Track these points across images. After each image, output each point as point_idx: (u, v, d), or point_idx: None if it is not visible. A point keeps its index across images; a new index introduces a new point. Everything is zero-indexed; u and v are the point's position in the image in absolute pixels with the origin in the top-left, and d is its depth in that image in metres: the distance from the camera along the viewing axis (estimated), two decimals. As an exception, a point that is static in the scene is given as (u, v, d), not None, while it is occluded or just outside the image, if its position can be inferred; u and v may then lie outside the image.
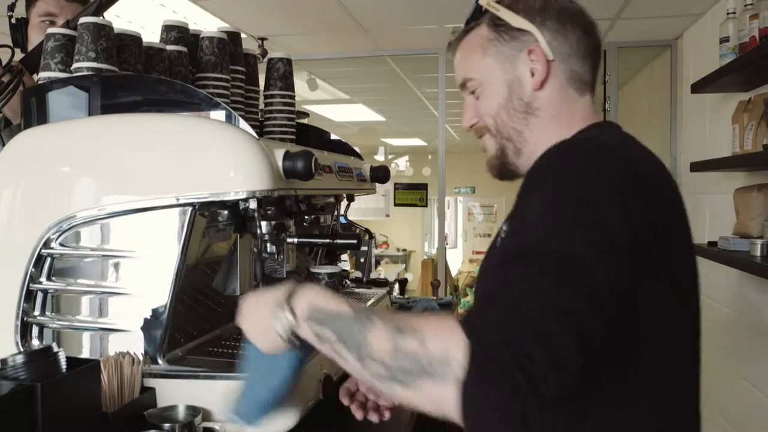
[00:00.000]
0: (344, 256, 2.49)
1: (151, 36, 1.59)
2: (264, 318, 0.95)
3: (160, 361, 1.31)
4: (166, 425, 1.18)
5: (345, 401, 1.22)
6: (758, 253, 2.47)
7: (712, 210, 3.28)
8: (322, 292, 0.92)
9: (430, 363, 0.77)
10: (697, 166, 3.02)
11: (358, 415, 1.23)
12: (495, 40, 1.12)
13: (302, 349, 0.96)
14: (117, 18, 3.66)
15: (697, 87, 3.00)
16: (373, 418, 1.24)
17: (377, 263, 8.89)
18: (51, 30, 1.48)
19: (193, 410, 1.24)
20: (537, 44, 1.09)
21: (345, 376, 1.57)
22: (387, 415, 1.25)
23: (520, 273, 0.81)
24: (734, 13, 2.67)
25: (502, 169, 1.16)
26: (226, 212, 1.44)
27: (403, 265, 10.79)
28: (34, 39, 1.88)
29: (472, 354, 0.74)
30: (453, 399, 0.76)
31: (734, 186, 2.85)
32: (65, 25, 1.61)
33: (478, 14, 1.17)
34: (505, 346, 0.73)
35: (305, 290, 0.92)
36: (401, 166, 9.03)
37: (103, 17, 1.95)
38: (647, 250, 0.89)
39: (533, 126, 1.12)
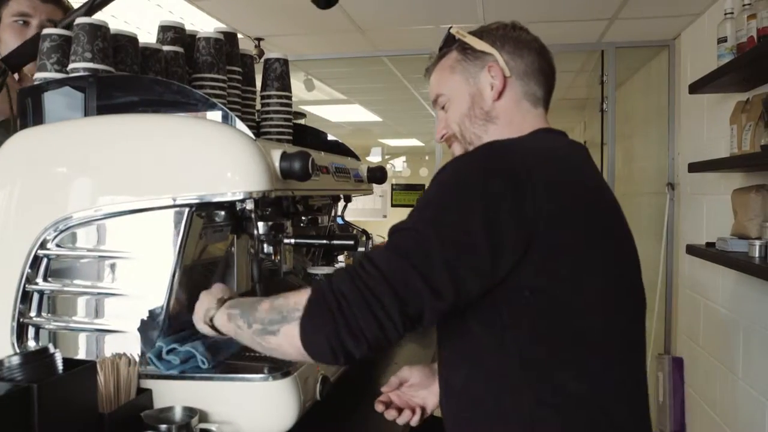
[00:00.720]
0: (341, 257, 2.48)
1: (148, 36, 1.58)
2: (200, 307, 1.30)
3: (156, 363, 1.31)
4: (163, 426, 1.18)
5: (380, 408, 1.41)
6: (756, 254, 2.47)
7: (709, 211, 3.28)
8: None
9: (288, 311, 1.06)
10: (694, 167, 3.03)
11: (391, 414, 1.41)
12: (462, 61, 1.32)
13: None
14: (113, 18, 3.65)
15: (695, 87, 3.00)
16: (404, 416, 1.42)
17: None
18: (47, 30, 1.48)
19: (189, 411, 1.24)
20: (496, 62, 1.28)
21: (342, 377, 1.57)
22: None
23: (371, 252, 1.05)
24: (732, 13, 2.67)
25: None
26: (223, 213, 1.44)
27: (401, 266, 10.78)
28: (6, 39, 1.87)
29: (309, 299, 1.03)
30: (297, 334, 1.03)
31: (732, 187, 2.85)
32: (54, 26, 1.61)
33: (450, 42, 1.36)
34: (330, 290, 1.01)
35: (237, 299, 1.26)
36: (398, 166, 9.03)
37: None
38: (515, 242, 1.03)
39: (491, 131, 1.29)
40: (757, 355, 2.72)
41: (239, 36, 1.77)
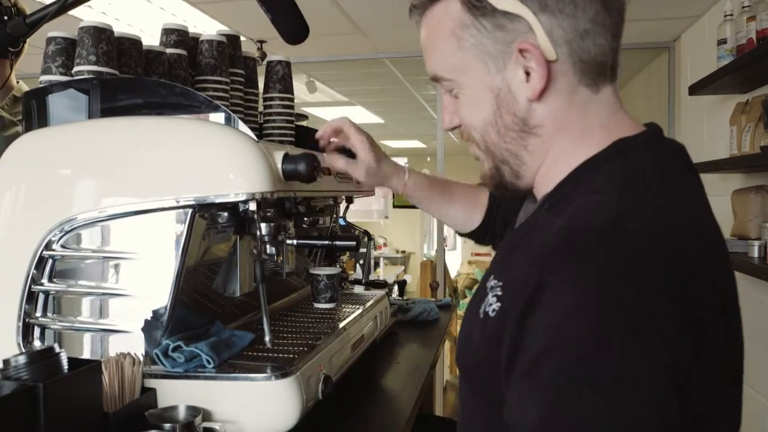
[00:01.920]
0: (343, 258, 2.49)
1: (151, 39, 1.59)
2: None
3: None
4: (167, 425, 1.19)
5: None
6: (756, 255, 2.49)
7: (709, 211, 3.28)
8: None
9: None
10: (694, 168, 3.04)
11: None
12: (472, 27, 0.84)
13: None
14: (117, 21, 3.67)
15: (695, 89, 3.02)
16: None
17: (376, 265, 8.89)
18: (52, 33, 1.49)
19: (193, 410, 1.25)
20: (532, 37, 0.81)
21: (344, 377, 1.58)
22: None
23: None
24: (732, 15, 2.69)
25: (499, 188, 0.94)
26: (225, 214, 1.45)
27: (403, 267, 10.80)
28: None
29: None
30: None
31: (732, 188, 2.86)
32: (2, 29, 1.58)
33: None
34: None
35: None
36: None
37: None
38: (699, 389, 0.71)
39: (533, 147, 0.87)
40: (757, 356, 2.72)
41: (242, 38, 1.79)
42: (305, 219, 1.75)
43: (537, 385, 0.67)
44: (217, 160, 1.29)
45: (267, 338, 1.29)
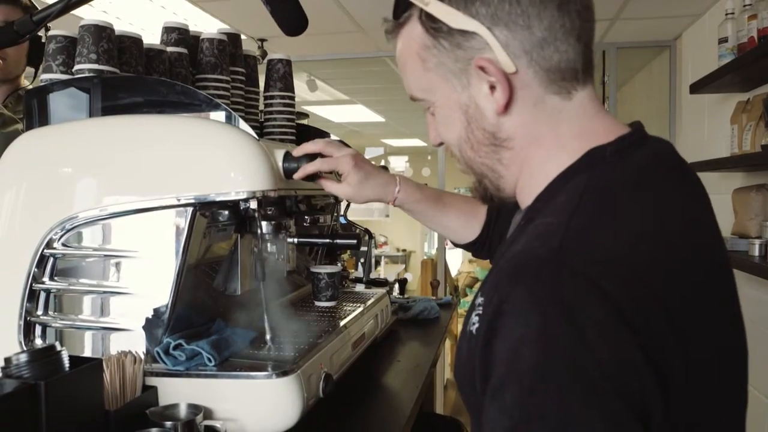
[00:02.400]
0: (343, 256, 2.50)
1: (152, 38, 1.60)
2: None
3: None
4: (168, 423, 1.19)
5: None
6: (756, 253, 2.49)
7: (710, 210, 3.28)
8: None
9: None
10: (695, 167, 3.03)
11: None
12: (433, 48, 0.85)
13: None
14: (117, 20, 3.67)
15: (696, 87, 3.02)
16: None
17: (377, 263, 8.90)
18: (53, 32, 1.49)
19: (194, 408, 1.25)
20: (489, 52, 0.81)
21: (345, 376, 1.58)
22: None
23: None
24: (733, 13, 2.69)
25: (487, 200, 0.96)
26: (226, 212, 1.45)
27: (403, 266, 10.81)
28: None
29: None
30: None
31: (733, 186, 2.87)
32: (10, 25, 1.60)
33: (404, 5, 0.89)
34: None
35: None
36: (399, 167, 9.04)
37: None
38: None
39: (507, 160, 0.87)
40: (757, 355, 2.72)
41: (242, 37, 1.79)
42: (306, 217, 1.75)
43: (500, 411, 0.69)
44: (218, 158, 1.29)
45: (268, 337, 1.29)
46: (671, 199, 0.80)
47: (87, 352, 1.37)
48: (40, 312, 1.39)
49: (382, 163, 8.38)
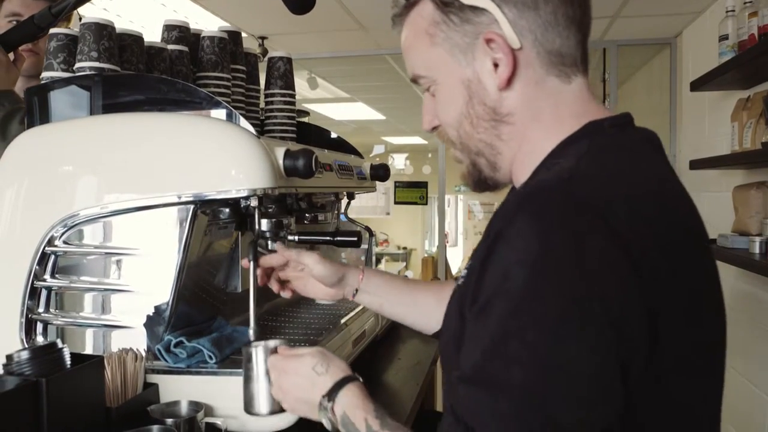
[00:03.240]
0: (344, 254, 2.50)
1: (152, 35, 1.60)
2: (311, 408, 1.03)
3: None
4: (169, 420, 1.20)
5: (262, 281, 1.34)
6: (757, 251, 2.49)
7: (710, 208, 3.29)
8: (355, 402, 0.97)
9: None
10: (696, 164, 3.04)
11: (274, 287, 1.36)
12: (442, 24, 0.89)
13: None
14: (118, 18, 3.67)
15: (697, 85, 3.02)
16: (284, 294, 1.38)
17: (378, 261, 8.91)
18: (54, 30, 1.49)
19: (195, 406, 1.25)
20: (496, 26, 0.85)
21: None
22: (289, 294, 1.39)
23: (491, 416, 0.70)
24: (733, 11, 2.68)
25: (480, 184, 0.97)
26: (227, 210, 1.45)
27: (404, 263, 10.81)
28: None
29: None
30: None
31: (733, 184, 2.87)
32: (30, 19, 1.65)
33: None
34: None
35: (342, 397, 0.99)
36: (399, 164, 9.04)
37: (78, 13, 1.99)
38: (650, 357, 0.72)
39: (507, 136, 0.89)
40: (757, 351, 2.73)
41: (243, 35, 1.79)
42: (307, 215, 1.76)
43: (484, 326, 0.72)
44: (218, 156, 1.29)
45: (251, 331, 1.28)
46: (663, 168, 0.86)
47: (88, 350, 1.37)
48: (41, 309, 1.39)
49: (389, 160, 8.38)
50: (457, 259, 10.67)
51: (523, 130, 0.89)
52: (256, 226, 1.39)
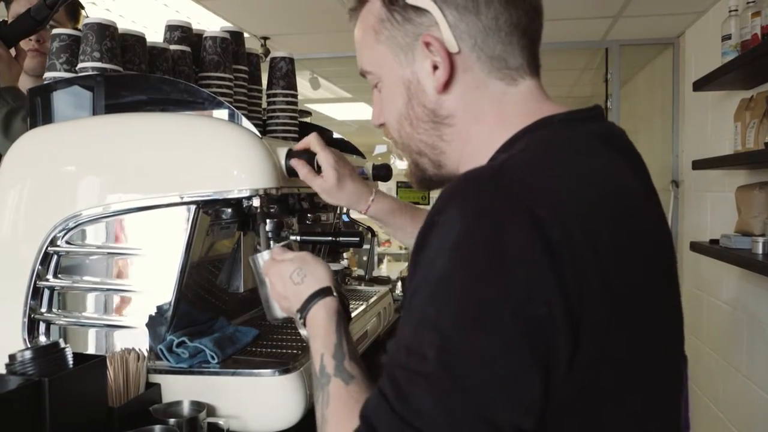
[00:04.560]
0: (346, 254, 2.50)
1: (155, 36, 1.60)
2: (291, 306, 1.08)
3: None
4: (171, 420, 1.20)
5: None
6: (760, 251, 2.49)
7: (713, 208, 3.28)
8: (315, 331, 0.99)
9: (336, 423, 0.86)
10: (698, 164, 3.03)
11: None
12: (386, 21, 0.88)
13: None
14: (121, 18, 3.68)
15: (699, 85, 3.01)
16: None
17: (380, 261, 8.90)
18: (56, 30, 1.50)
19: (197, 406, 1.26)
20: (436, 31, 0.84)
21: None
22: None
23: (412, 390, 0.68)
24: (736, 10, 2.68)
25: (424, 183, 0.95)
26: (229, 210, 1.45)
27: (406, 263, 10.80)
28: None
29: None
30: None
31: (736, 184, 2.86)
32: (27, 12, 1.66)
33: None
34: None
35: (309, 317, 1.02)
36: (401, 164, 9.03)
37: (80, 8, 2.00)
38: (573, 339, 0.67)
39: (448, 137, 0.88)
40: (760, 352, 2.72)
41: (245, 35, 1.79)
42: (309, 215, 1.76)
43: (406, 319, 0.72)
44: (220, 156, 1.29)
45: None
46: (608, 165, 0.81)
47: (91, 349, 1.37)
48: (44, 309, 1.40)
49: (391, 160, 8.37)
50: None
51: (466, 132, 0.87)
52: (259, 227, 1.39)
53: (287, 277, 1.08)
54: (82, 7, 2.08)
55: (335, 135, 2.11)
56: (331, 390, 0.90)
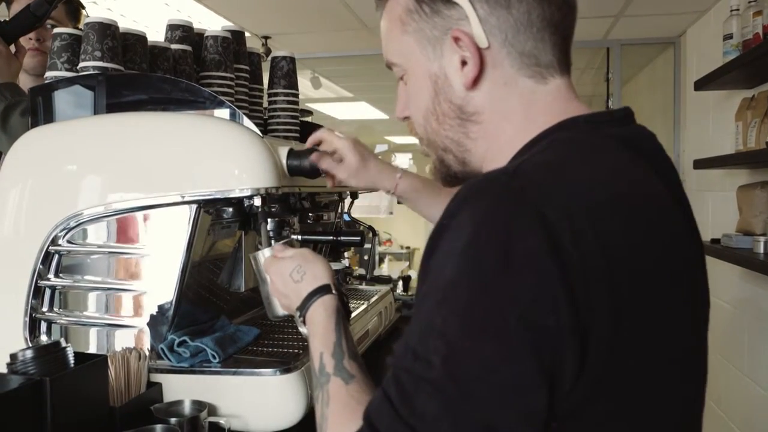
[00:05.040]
0: (347, 254, 2.50)
1: (156, 35, 1.60)
2: (290, 304, 1.08)
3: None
4: (172, 420, 1.20)
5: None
6: (761, 250, 2.48)
7: (714, 207, 3.28)
8: (315, 330, 0.99)
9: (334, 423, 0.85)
10: (700, 164, 3.03)
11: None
12: (415, 12, 0.86)
13: None
14: (122, 17, 3.68)
15: (701, 84, 3.01)
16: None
17: (381, 260, 8.90)
18: (57, 30, 1.50)
19: (198, 405, 1.26)
20: (466, 23, 0.81)
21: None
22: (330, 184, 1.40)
23: (417, 397, 0.67)
24: (738, 10, 2.68)
25: (449, 179, 0.94)
26: (230, 209, 1.45)
27: (407, 263, 10.79)
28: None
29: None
30: None
31: (737, 183, 2.86)
32: (26, 9, 1.67)
33: None
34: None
35: (308, 316, 1.02)
36: (403, 163, 9.04)
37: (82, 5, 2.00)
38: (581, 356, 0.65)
39: (475, 134, 0.86)
40: (761, 351, 2.72)
41: (246, 34, 1.79)
42: (310, 214, 1.76)
43: (414, 323, 0.71)
44: (222, 155, 1.29)
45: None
46: (634, 172, 0.79)
47: (92, 349, 1.38)
48: (45, 308, 1.40)
49: (392, 159, 8.38)
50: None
51: (493, 129, 0.85)
52: (260, 226, 1.39)
53: (287, 275, 1.08)
54: (83, 7, 2.08)
55: (337, 133, 2.11)
56: (331, 389, 0.90)
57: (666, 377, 0.76)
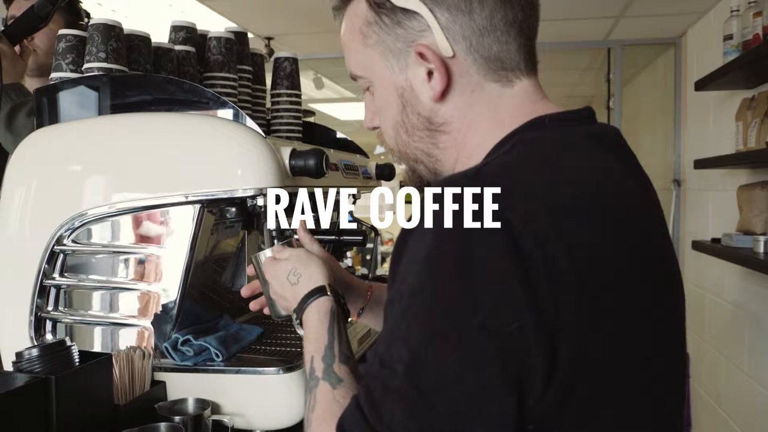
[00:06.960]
0: (349, 253, 2.51)
1: (160, 36, 1.61)
2: (289, 306, 1.07)
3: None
4: (176, 418, 1.21)
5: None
6: (761, 250, 2.49)
7: (715, 207, 3.29)
8: (308, 334, 0.98)
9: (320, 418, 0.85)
10: (700, 164, 3.04)
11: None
12: (374, 24, 0.83)
13: None
14: (126, 18, 3.69)
15: (701, 85, 3.02)
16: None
17: (383, 260, 8.90)
18: (62, 31, 1.51)
19: (202, 403, 1.27)
20: (429, 35, 0.80)
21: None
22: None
23: (387, 399, 0.68)
24: (738, 10, 2.68)
25: (422, 190, 0.92)
26: (234, 209, 1.46)
27: (409, 263, 10.78)
28: None
29: None
30: None
31: (738, 183, 2.87)
32: (30, 9, 1.68)
33: None
34: None
35: (304, 319, 1.01)
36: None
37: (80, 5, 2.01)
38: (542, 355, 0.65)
39: (444, 144, 0.85)
40: (762, 350, 2.73)
41: (249, 35, 1.80)
42: (312, 215, 1.76)
43: (386, 326, 0.71)
44: (225, 155, 1.30)
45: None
46: (607, 170, 0.78)
47: (96, 347, 1.39)
48: (50, 307, 1.41)
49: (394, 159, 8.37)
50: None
51: (461, 138, 0.84)
52: (264, 226, 1.40)
53: (284, 279, 1.07)
54: (88, 16, 2.08)
55: (338, 135, 2.12)
56: (318, 393, 0.89)
57: (639, 377, 0.75)
